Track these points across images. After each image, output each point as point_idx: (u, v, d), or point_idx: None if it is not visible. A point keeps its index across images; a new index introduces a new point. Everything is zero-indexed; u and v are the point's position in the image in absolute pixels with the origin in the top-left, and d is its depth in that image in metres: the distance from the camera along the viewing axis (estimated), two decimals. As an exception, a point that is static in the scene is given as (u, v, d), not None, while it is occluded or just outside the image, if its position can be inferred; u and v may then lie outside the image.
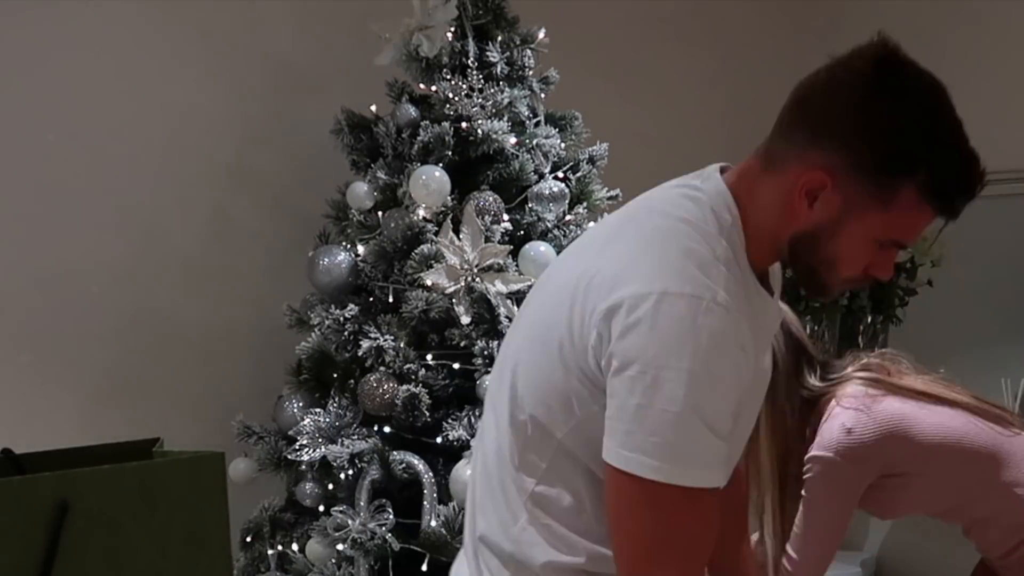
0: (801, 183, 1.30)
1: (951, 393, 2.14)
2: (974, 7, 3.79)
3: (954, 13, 3.84)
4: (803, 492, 2.09)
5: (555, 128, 2.55)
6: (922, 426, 2.07)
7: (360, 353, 2.31)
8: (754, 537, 2.19)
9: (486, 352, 2.28)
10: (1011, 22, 3.72)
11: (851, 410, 2.06)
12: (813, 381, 2.13)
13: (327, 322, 2.38)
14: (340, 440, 2.30)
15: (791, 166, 1.32)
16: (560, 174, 2.51)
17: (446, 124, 2.39)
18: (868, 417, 2.05)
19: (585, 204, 2.54)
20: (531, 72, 2.54)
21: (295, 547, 2.40)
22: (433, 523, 2.19)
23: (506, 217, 2.38)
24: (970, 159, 1.34)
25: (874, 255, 1.35)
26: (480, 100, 2.43)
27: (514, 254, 2.36)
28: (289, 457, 2.34)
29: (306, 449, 2.30)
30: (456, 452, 2.25)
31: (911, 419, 2.07)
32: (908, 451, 2.06)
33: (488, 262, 2.31)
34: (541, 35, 2.55)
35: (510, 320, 2.30)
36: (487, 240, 2.32)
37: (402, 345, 2.31)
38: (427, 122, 2.40)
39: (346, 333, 2.37)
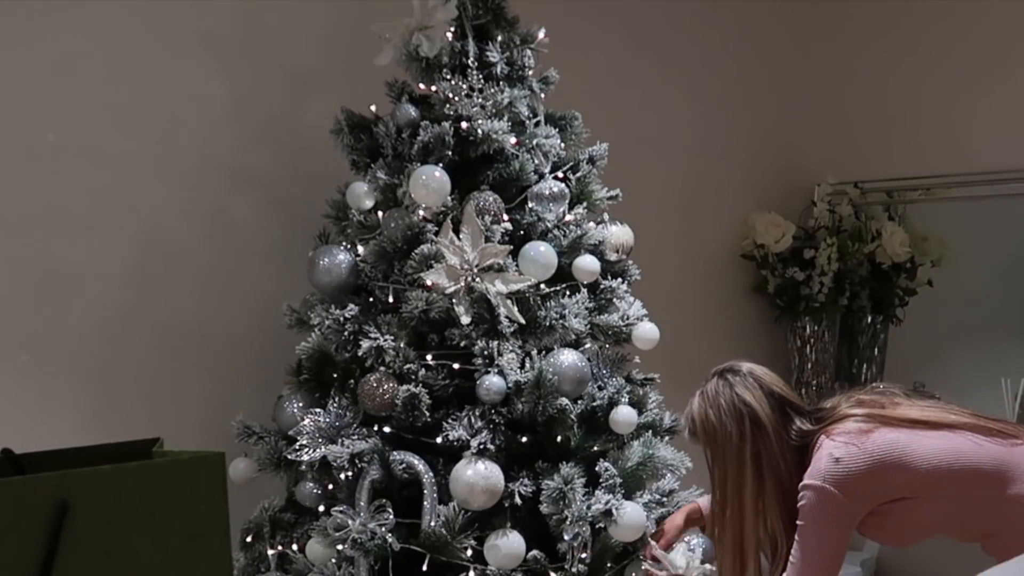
0: None
1: (948, 416, 2.14)
2: (975, 9, 3.79)
3: (955, 14, 3.84)
4: (797, 521, 2.10)
5: (555, 128, 2.55)
6: (917, 452, 2.06)
7: (360, 353, 2.31)
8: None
9: (486, 352, 2.28)
10: (1012, 24, 3.72)
11: (841, 443, 2.08)
12: (805, 427, 2.15)
13: (327, 322, 2.38)
14: (340, 440, 2.30)
15: None
16: (560, 174, 2.51)
17: (446, 124, 2.39)
18: (858, 449, 2.07)
19: (585, 204, 2.54)
20: (531, 72, 2.54)
21: (295, 547, 2.40)
22: (433, 523, 2.19)
23: (506, 217, 2.38)
24: None
25: None
26: (480, 100, 2.43)
27: (514, 254, 2.36)
28: (289, 457, 2.34)
29: (306, 449, 2.30)
30: (456, 452, 2.25)
31: (904, 446, 2.07)
32: (904, 477, 2.06)
33: (488, 262, 2.31)
34: (541, 35, 2.55)
35: (510, 320, 2.31)
36: (487, 240, 2.32)
37: (402, 345, 2.32)
38: (427, 122, 2.40)
39: (346, 333, 2.37)
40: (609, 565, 2.36)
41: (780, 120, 4.10)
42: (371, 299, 2.45)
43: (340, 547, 2.23)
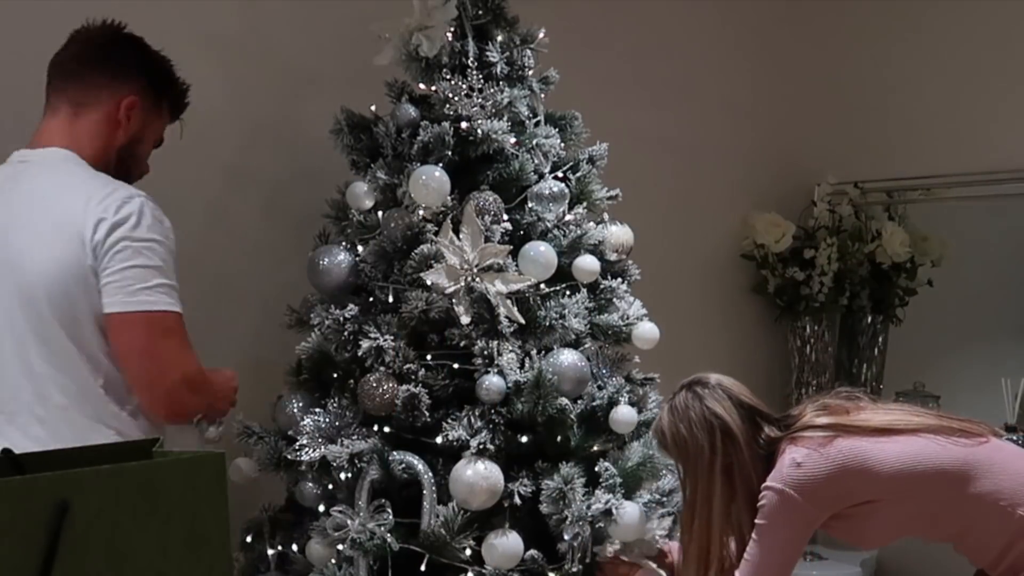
0: (121, 107, 2.00)
1: (911, 419, 2.15)
2: (976, 9, 3.79)
3: (956, 15, 3.84)
4: (756, 519, 2.11)
5: (555, 128, 2.55)
6: (879, 456, 2.08)
7: (360, 353, 2.31)
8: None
9: (486, 352, 2.28)
10: (1011, 25, 3.72)
11: (803, 448, 2.09)
12: (773, 434, 2.17)
13: (327, 322, 2.38)
14: (340, 440, 2.30)
15: (104, 100, 2.00)
16: (560, 174, 2.51)
17: (446, 124, 2.39)
18: (819, 455, 2.09)
19: (585, 204, 2.54)
20: (531, 72, 2.54)
21: (295, 547, 2.40)
22: (433, 523, 2.19)
23: (506, 217, 2.38)
24: (185, 87, 2.17)
25: (150, 151, 2.14)
26: (480, 100, 2.42)
27: (514, 254, 2.36)
28: (289, 457, 2.34)
29: (306, 449, 2.30)
30: (456, 452, 2.26)
31: (865, 451, 2.09)
32: (866, 481, 2.08)
33: (488, 262, 2.31)
34: (541, 35, 2.55)
35: (510, 320, 2.31)
36: (487, 240, 2.32)
37: (402, 345, 2.32)
38: (427, 122, 2.40)
39: (346, 333, 2.37)
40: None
41: (780, 120, 4.10)
42: (371, 299, 2.45)
43: (340, 547, 2.23)
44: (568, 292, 2.42)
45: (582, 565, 2.27)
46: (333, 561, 2.29)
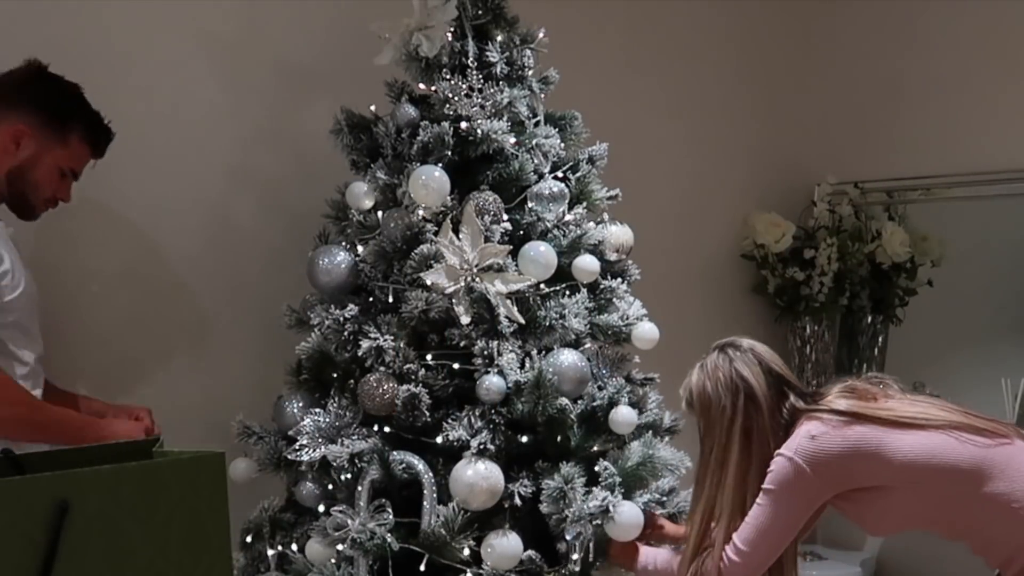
0: (8, 135, 2.15)
1: (937, 412, 2.14)
2: (975, 9, 3.79)
3: (956, 14, 3.84)
4: (764, 485, 2.12)
5: (555, 128, 2.55)
6: (894, 444, 2.08)
7: (360, 353, 2.31)
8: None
9: (486, 352, 2.28)
10: (1010, 25, 3.72)
11: (819, 424, 2.10)
12: (798, 405, 2.17)
13: (327, 322, 2.38)
14: (340, 440, 2.30)
15: (1, 131, 2.15)
16: (560, 174, 2.51)
17: (446, 124, 2.39)
18: (835, 432, 2.09)
19: (585, 204, 2.54)
20: (531, 72, 2.54)
21: (295, 547, 2.40)
22: (433, 523, 2.19)
23: (506, 217, 2.38)
24: (104, 122, 2.29)
25: (59, 182, 2.25)
26: (480, 100, 2.42)
27: (514, 254, 2.36)
28: (289, 457, 2.35)
29: (306, 449, 2.30)
30: (456, 452, 2.26)
31: (881, 438, 2.09)
32: (877, 466, 2.08)
33: (488, 262, 2.31)
34: (541, 35, 2.55)
35: (510, 320, 2.31)
36: (487, 240, 2.32)
37: (402, 345, 2.32)
38: (427, 122, 2.40)
39: (346, 333, 2.37)
40: (599, 563, 2.36)
41: (780, 120, 4.10)
42: (371, 299, 2.45)
43: (340, 547, 2.23)
44: (568, 292, 2.42)
45: (582, 565, 2.27)
46: (333, 561, 2.29)
